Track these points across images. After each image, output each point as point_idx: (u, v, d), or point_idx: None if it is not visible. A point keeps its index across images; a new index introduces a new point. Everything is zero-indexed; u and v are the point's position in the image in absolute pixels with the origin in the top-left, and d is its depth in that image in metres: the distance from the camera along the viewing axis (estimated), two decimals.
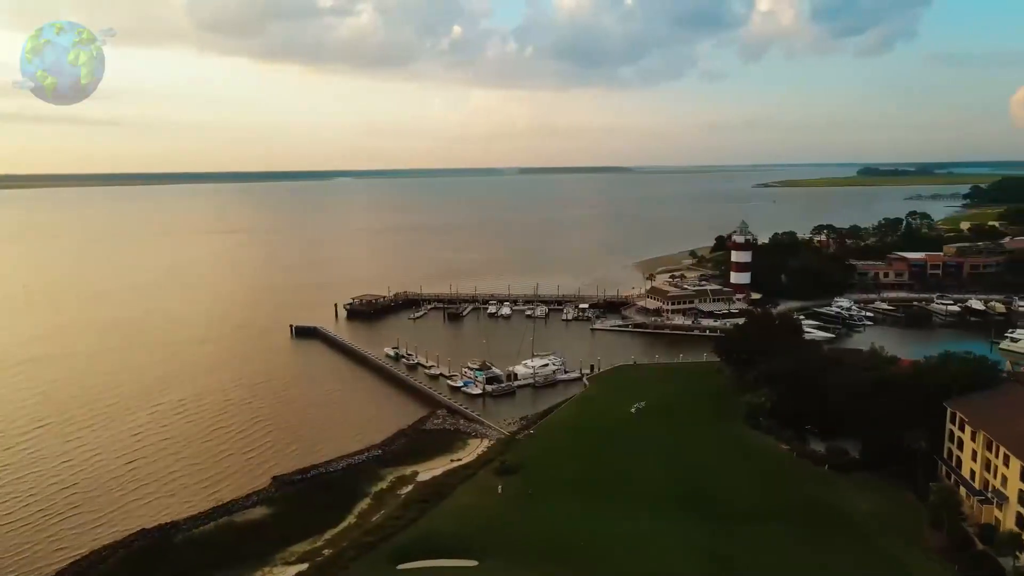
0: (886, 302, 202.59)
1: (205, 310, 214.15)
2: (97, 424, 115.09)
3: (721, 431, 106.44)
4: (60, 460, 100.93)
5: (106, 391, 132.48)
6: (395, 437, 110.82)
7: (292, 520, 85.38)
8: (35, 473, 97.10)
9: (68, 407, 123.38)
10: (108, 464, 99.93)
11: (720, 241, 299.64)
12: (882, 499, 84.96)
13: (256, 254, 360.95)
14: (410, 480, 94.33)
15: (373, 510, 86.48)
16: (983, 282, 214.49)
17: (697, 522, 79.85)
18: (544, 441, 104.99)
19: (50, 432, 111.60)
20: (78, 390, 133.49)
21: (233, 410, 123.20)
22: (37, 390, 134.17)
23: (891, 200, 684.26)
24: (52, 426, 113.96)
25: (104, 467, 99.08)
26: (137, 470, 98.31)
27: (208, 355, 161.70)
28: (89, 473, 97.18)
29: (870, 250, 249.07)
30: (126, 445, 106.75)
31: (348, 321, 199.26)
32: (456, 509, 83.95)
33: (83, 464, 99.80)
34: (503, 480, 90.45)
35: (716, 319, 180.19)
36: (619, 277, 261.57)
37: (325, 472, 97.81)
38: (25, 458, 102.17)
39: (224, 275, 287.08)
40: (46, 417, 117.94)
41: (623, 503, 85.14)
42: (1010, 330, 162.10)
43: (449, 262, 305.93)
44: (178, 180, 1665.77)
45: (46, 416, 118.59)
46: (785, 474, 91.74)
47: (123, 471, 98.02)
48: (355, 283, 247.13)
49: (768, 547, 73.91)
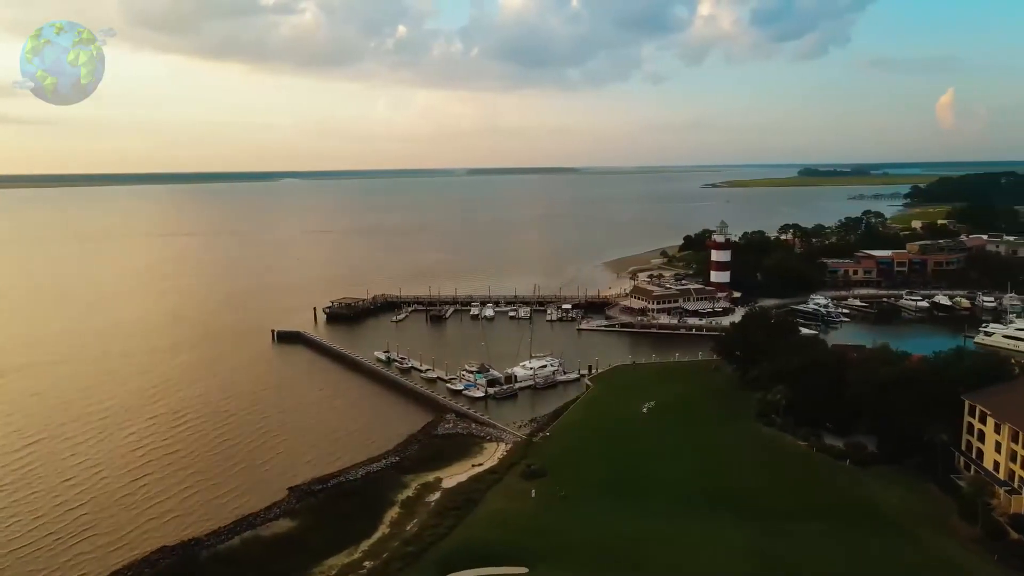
0: (858, 299, 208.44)
1: (178, 316, 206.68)
2: (93, 439, 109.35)
3: (736, 429, 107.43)
4: (60, 479, 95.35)
5: (94, 404, 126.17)
6: (407, 443, 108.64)
7: (320, 532, 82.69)
8: (36, 494, 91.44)
9: (57, 422, 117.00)
10: (114, 481, 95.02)
11: (688, 241, 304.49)
12: (907, 492, 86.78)
13: (220, 257, 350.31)
14: (435, 487, 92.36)
15: (404, 519, 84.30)
16: (946, 278, 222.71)
17: (735, 521, 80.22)
18: (562, 443, 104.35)
19: (44, 449, 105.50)
20: (63, 403, 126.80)
21: (232, 420, 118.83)
22: (19, 404, 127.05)
23: (836, 200, 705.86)
24: (45, 442, 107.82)
25: (110, 484, 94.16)
26: (147, 487, 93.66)
27: (191, 363, 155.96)
28: (95, 492, 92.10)
29: (834, 248, 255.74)
30: (128, 460, 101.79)
31: (328, 325, 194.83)
32: (492, 515, 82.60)
33: (87, 482, 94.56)
34: (532, 484, 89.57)
35: (701, 318, 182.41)
36: (592, 277, 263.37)
37: (345, 481, 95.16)
38: (22, 479, 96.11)
39: (191, 279, 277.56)
40: (36, 434, 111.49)
41: (657, 504, 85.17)
42: (984, 324, 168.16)
43: (417, 264, 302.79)
44: (118, 181, 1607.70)
45: (36, 432, 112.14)
46: (810, 470, 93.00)
47: (131, 488, 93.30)
48: (327, 286, 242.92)
49: (813, 545, 74.66)
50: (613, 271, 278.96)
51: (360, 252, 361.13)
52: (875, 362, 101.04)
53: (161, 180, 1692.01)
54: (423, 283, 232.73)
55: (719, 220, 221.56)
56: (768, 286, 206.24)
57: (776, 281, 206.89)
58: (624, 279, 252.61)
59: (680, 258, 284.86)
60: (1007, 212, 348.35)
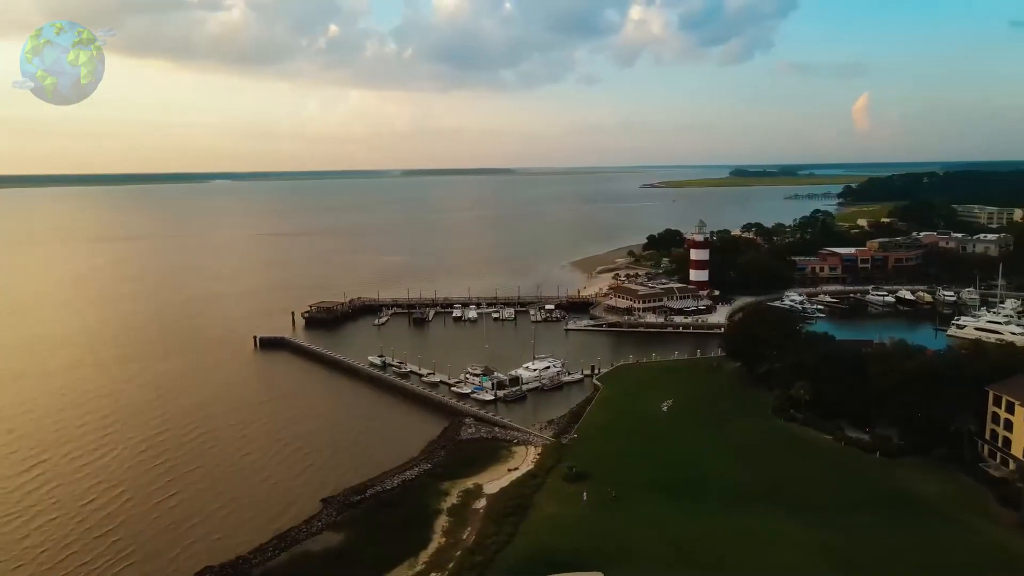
0: (827, 295, 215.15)
1: (144, 324, 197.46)
2: (100, 457, 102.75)
3: (759, 425, 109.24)
4: (80, 503, 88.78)
5: (87, 419, 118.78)
6: (433, 450, 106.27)
7: (372, 544, 79.76)
8: (57, 521, 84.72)
9: (54, 440, 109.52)
10: (140, 502, 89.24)
11: (652, 240, 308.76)
12: (940, 481, 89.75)
13: (175, 262, 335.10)
14: (477, 493, 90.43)
15: (457, 527, 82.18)
16: (906, 274, 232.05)
17: (788, 516, 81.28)
18: (593, 444, 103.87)
19: (50, 471, 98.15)
20: (53, 420, 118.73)
21: (243, 432, 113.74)
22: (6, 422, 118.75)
23: (773, 199, 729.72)
24: (52, 463, 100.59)
25: (136, 505, 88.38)
26: (177, 506, 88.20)
27: (175, 373, 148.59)
28: (123, 514, 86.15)
29: (798, 246, 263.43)
30: (148, 478, 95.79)
31: (308, 330, 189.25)
32: (548, 520, 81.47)
33: (110, 505, 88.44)
34: (577, 487, 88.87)
35: (687, 316, 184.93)
36: (562, 277, 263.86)
37: (382, 491, 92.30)
38: (35, 505, 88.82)
39: (150, 285, 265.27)
40: (38, 455, 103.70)
41: (709, 502, 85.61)
42: (956, 317, 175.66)
43: (382, 266, 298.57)
44: (36, 183, 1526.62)
45: (37, 453, 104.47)
46: (843, 463, 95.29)
47: (159, 509, 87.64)
48: (294, 290, 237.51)
49: (870, 536, 76.14)
50: (581, 271, 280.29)
51: (319, 255, 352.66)
52: (897, 356, 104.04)
53: (89, 181, 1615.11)
54: (392, 285, 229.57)
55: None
56: (742, 284, 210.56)
57: (750, 279, 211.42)
58: (597, 279, 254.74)
59: (646, 257, 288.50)
60: (945, 209, 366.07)
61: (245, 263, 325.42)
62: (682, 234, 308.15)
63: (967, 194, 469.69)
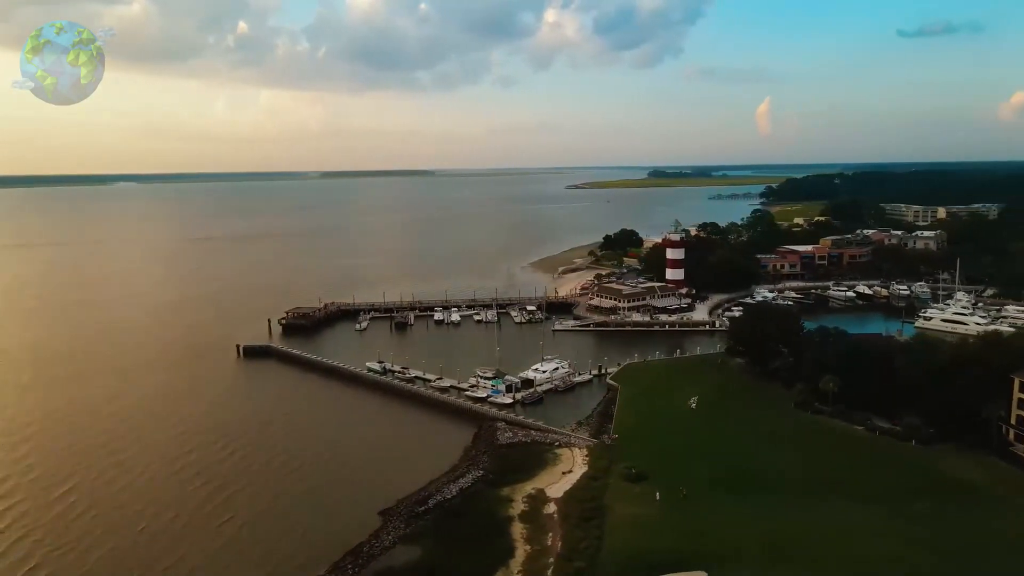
0: (792, 290, 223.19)
1: (106, 335, 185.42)
2: (138, 478, 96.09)
3: (788, 419, 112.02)
4: (135, 529, 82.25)
5: (98, 438, 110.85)
6: (474, 456, 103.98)
7: (453, 555, 77.30)
8: (119, 552, 78.32)
9: (76, 462, 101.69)
10: (198, 526, 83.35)
11: (608, 240, 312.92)
12: (980, 466, 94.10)
13: (113, 269, 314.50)
14: (542, 497, 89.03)
15: (537, 533, 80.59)
16: (859, 270, 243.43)
17: (859, 506, 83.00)
18: (636, 444, 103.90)
19: (88, 496, 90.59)
20: (67, 436, 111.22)
21: (267, 449, 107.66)
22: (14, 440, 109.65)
23: (699, 199, 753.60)
24: (83, 487, 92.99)
25: (196, 531, 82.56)
26: (240, 529, 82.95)
27: (164, 387, 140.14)
28: (187, 541, 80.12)
29: (759, 245, 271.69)
30: (196, 502, 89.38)
31: (287, 337, 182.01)
32: (628, 521, 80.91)
33: (169, 530, 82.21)
34: (641, 487, 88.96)
35: (671, 314, 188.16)
36: (526, 278, 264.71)
37: (443, 500, 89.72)
38: (88, 534, 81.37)
39: (100, 294, 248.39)
40: (67, 478, 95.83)
41: (777, 497, 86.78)
42: (923, 310, 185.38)
43: (334, 269, 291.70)
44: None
45: (64, 475, 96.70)
46: (883, 452, 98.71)
47: (223, 534, 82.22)
48: (255, 295, 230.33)
49: (938, 523, 78.51)
50: (543, 271, 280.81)
51: (266, 259, 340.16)
52: (922, 348, 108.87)
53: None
54: (358, 289, 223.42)
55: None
56: (714, 282, 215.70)
57: (722, 276, 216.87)
58: (564, 279, 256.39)
59: (607, 256, 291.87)
60: (875, 208, 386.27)
61: (191, 269, 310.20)
62: (638, 234, 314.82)
63: (874, 193, 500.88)
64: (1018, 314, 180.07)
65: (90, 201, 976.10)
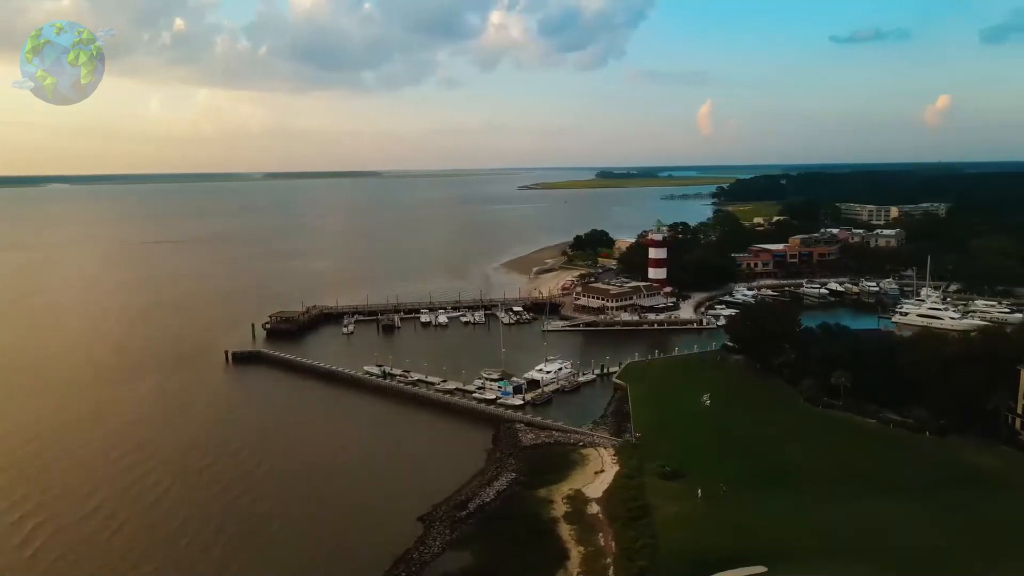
0: (768, 288, 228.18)
1: (83, 342, 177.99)
2: (170, 488, 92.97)
3: (801, 413, 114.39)
4: (184, 547, 79.31)
5: (112, 451, 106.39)
6: (500, 458, 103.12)
7: (506, 559, 76.45)
8: (164, 567, 75.09)
9: (92, 475, 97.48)
10: (246, 540, 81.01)
11: (579, 240, 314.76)
12: (994, 455, 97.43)
13: (77, 273, 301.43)
14: (583, 498, 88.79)
15: (587, 534, 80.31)
16: (828, 267, 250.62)
17: (893, 498, 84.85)
18: (660, 442, 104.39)
19: (123, 512, 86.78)
20: (77, 450, 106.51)
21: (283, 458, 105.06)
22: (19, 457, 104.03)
23: (652, 199, 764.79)
24: (110, 503, 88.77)
25: (244, 545, 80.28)
26: (288, 541, 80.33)
27: (158, 395, 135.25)
28: (233, 554, 77.97)
29: (719, 244, 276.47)
30: (236, 516, 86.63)
31: (272, 341, 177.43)
32: (675, 519, 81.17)
33: (216, 542, 79.95)
34: (679, 485, 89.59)
35: (658, 313, 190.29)
36: (500, 279, 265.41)
37: (482, 504, 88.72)
38: (124, 548, 78.60)
39: (69, 298, 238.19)
40: (91, 493, 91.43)
41: (815, 491, 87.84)
42: (899, 304, 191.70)
43: (307, 272, 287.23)
44: None
45: (87, 491, 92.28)
46: (902, 444, 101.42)
47: (275, 547, 79.87)
48: (232, 300, 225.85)
49: (977, 513, 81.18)
50: (517, 272, 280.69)
51: (233, 262, 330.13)
52: (930, 342, 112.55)
53: None
54: (336, 292, 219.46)
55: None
56: (693, 280, 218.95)
57: (701, 275, 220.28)
58: (539, 279, 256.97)
59: (580, 257, 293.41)
60: (830, 207, 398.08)
61: (153, 273, 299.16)
62: (608, 234, 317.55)
63: (819, 193, 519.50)
64: (987, 308, 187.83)
65: (24, 204, 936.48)
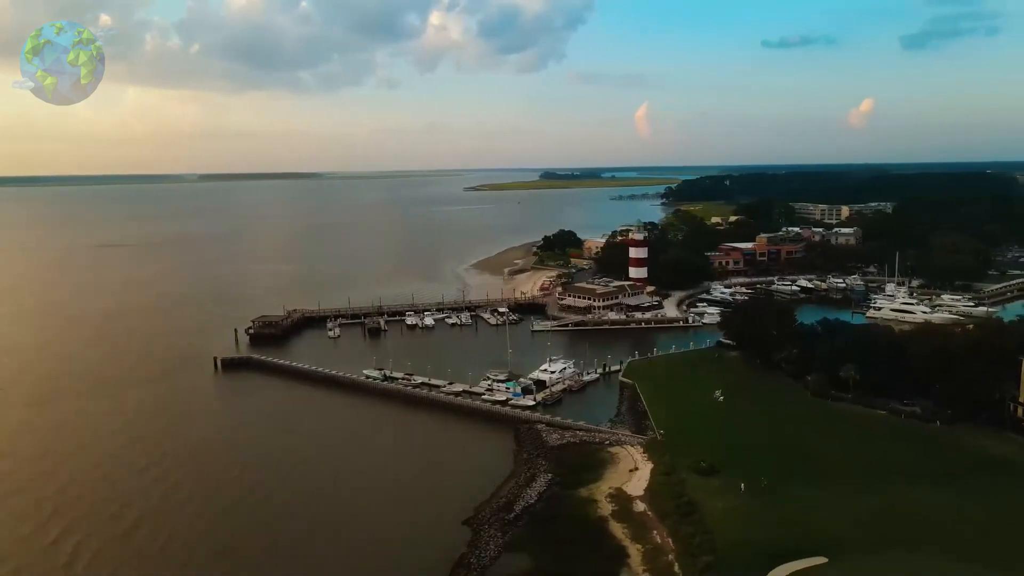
0: (742, 286, 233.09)
1: (51, 350, 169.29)
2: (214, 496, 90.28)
3: (812, 407, 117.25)
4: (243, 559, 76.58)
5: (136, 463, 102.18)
6: (529, 459, 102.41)
7: (567, 560, 76.11)
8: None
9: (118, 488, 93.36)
10: (298, 551, 78.21)
11: (548, 241, 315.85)
12: (1004, 442, 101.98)
13: (23, 278, 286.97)
14: (625, 496, 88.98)
15: (641, 531, 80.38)
16: (796, 265, 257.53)
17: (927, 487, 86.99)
18: (685, 438, 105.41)
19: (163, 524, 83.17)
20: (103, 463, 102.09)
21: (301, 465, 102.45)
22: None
23: (602, 200, 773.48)
24: (147, 517, 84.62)
25: (301, 554, 77.71)
26: (344, 554, 78.47)
27: (154, 404, 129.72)
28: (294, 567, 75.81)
29: (686, 242, 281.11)
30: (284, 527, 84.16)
31: (256, 346, 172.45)
32: (723, 513, 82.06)
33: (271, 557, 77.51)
34: (717, 480, 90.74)
35: (644, 312, 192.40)
36: (473, 280, 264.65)
37: (528, 505, 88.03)
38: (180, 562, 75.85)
39: (15, 306, 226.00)
40: (124, 508, 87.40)
41: (848, 482, 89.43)
42: (872, 299, 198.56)
43: (276, 275, 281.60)
44: None
45: (119, 505, 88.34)
46: (915, 434, 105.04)
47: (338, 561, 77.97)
48: (207, 304, 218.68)
49: (1009, 497, 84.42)
50: (490, 273, 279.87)
51: (195, 266, 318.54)
52: (936, 335, 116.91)
53: None
54: (312, 295, 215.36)
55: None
56: (672, 279, 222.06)
57: (677, 274, 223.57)
58: (514, 280, 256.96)
59: (551, 257, 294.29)
60: (784, 207, 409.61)
61: (112, 277, 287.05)
62: (576, 234, 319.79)
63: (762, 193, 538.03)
64: (953, 302, 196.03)
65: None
